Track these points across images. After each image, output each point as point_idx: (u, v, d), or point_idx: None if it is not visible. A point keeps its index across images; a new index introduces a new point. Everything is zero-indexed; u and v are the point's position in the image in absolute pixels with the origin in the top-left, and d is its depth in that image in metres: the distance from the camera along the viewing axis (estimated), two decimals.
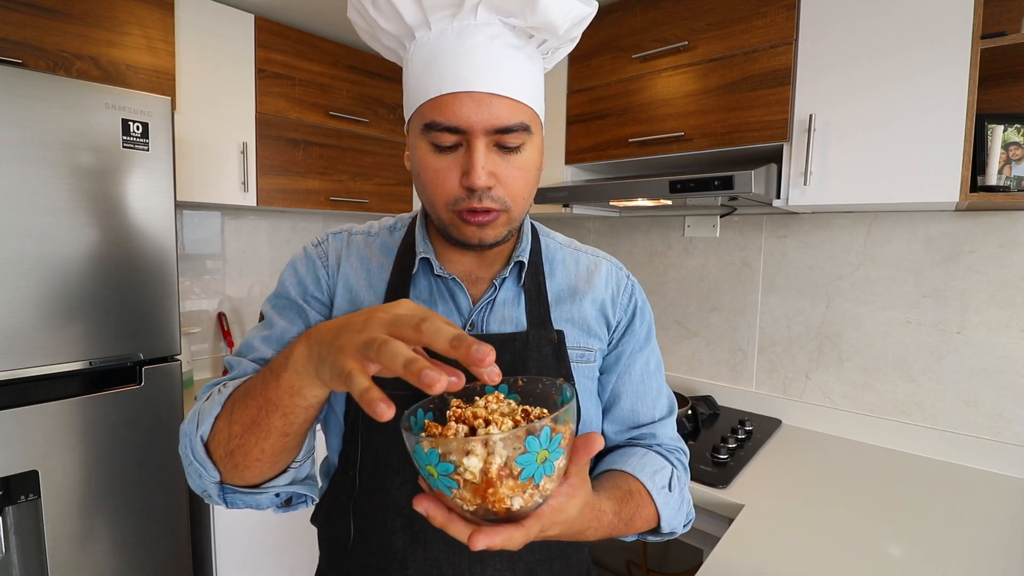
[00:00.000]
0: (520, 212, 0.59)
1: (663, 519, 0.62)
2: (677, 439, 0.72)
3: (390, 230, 0.70)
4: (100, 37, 1.41)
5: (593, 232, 2.09)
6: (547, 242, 0.71)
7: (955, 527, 1.06)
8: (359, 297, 0.64)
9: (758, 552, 0.97)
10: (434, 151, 0.55)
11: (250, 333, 0.65)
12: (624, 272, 0.73)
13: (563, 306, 0.67)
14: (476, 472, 0.36)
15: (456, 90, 0.52)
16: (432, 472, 0.37)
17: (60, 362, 1.21)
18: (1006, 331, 1.30)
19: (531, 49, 0.57)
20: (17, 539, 1.20)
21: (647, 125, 1.57)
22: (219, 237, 2.04)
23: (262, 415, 0.48)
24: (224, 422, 0.51)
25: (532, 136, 0.56)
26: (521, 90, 0.54)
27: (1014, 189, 1.16)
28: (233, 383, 0.55)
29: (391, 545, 0.59)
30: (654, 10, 1.54)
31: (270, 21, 1.77)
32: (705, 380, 1.82)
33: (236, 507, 0.55)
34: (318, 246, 0.67)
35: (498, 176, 0.55)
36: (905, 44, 1.16)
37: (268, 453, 0.51)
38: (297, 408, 0.47)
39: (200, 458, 0.52)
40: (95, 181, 1.23)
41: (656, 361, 0.72)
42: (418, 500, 0.39)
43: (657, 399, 0.71)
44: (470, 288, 0.64)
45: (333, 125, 1.97)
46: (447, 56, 0.52)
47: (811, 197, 1.29)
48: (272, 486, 0.55)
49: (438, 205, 0.57)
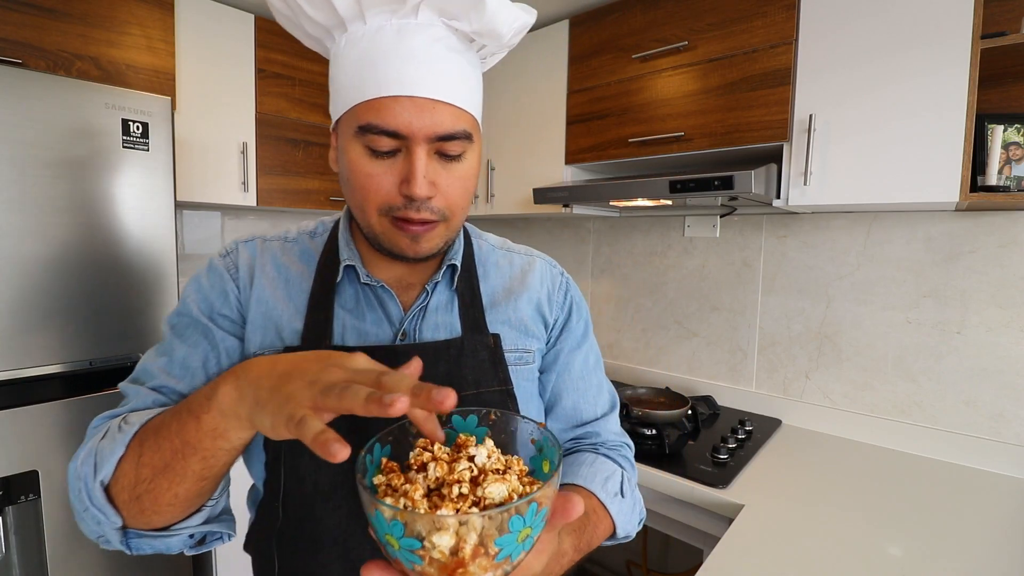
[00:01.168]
0: (458, 222, 0.57)
1: (618, 526, 0.61)
2: (620, 434, 0.71)
3: (310, 235, 0.65)
4: (100, 37, 1.41)
5: (593, 232, 2.09)
6: (479, 244, 0.70)
7: (955, 527, 1.06)
8: (276, 311, 0.59)
9: (758, 552, 0.97)
10: (369, 155, 0.51)
11: (147, 356, 0.58)
12: (558, 269, 0.72)
13: (498, 308, 0.65)
14: (446, 551, 0.31)
15: (397, 93, 0.49)
16: (392, 543, 0.32)
17: (60, 362, 1.21)
18: (1006, 331, 1.30)
19: (472, 54, 0.55)
20: (17, 539, 1.20)
21: (647, 125, 1.57)
22: (219, 237, 2.04)
23: (177, 459, 0.44)
24: (130, 464, 0.46)
25: (473, 144, 0.54)
26: (464, 96, 0.52)
27: (1014, 189, 1.16)
28: (137, 418, 0.49)
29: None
30: (654, 10, 1.54)
31: (270, 21, 1.77)
32: (705, 380, 1.82)
33: (141, 552, 0.50)
34: (226, 257, 0.62)
35: (438, 185, 0.52)
36: (905, 44, 1.16)
37: (182, 497, 0.46)
38: (219, 451, 0.43)
39: (99, 504, 0.47)
40: (95, 181, 1.23)
41: (595, 357, 0.72)
42: (368, 569, 0.35)
43: (598, 395, 0.70)
44: (400, 295, 0.61)
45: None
46: (386, 56, 0.50)
47: (811, 197, 1.29)
48: (184, 527, 0.50)
49: (369, 211, 0.53)
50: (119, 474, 0.47)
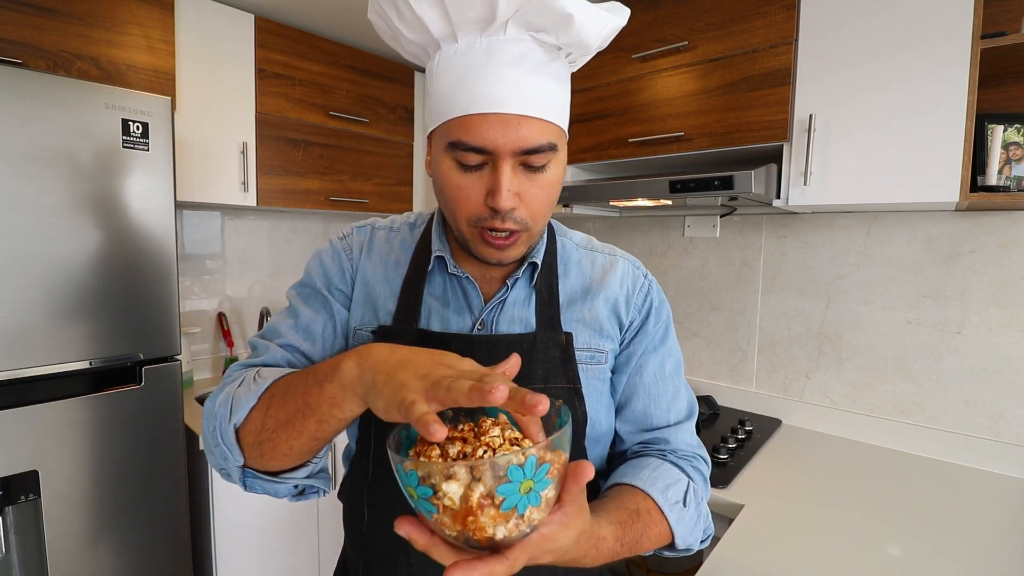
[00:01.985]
0: (540, 229, 0.60)
1: (677, 536, 0.59)
2: (696, 445, 0.69)
3: (411, 227, 0.71)
4: (100, 37, 1.41)
5: (593, 232, 2.09)
6: (563, 242, 0.71)
7: (955, 527, 1.06)
8: (375, 292, 0.66)
9: (758, 552, 0.97)
10: (459, 168, 0.55)
11: (275, 318, 0.67)
12: (642, 271, 0.72)
13: (575, 307, 0.66)
14: (456, 499, 0.34)
15: (484, 111, 0.51)
16: (412, 494, 0.36)
17: (60, 362, 1.21)
18: (1006, 331, 1.30)
19: (559, 63, 0.56)
20: (17, 539, 1.20)
21: (647, 125, 1.57)
22: (219, 237, 2.04)
23: (298, 417, 0.49)
24: (259, 414, 0.52)
25: (558, 153, 0.56)
26: (549, 110, 0.54)
27: (1014, 189, 1.16)
28: (270, 373, 0.56)
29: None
30: (654, 10, 1.54)
31: (270, 21, 1.78)
32: (705, 380, 1.82)
33: (254, 491, 0.57)
34: (344, 239, 0.70)
35: (522, 196, 0.55)
36: (905, 44, 1.16)
37: (296, 451, 0.52)
38: (333, 419, 0.48)
39: (229, 443, 0.53)
40: (95, 181, 1.23)
41: (674, 363, 0.70)
42: (400, 523, 0.39)
43: (673, 402, 0.68)
44: (483, 287, 0.65)
45: (333, 125, 1.97)
46: (475, 73, 0.52)
47: (811, 197, 1.29)
48: (292, 477, 0.56)
49: (460, 220, 0.57)
50: (248, 421, 0.53)
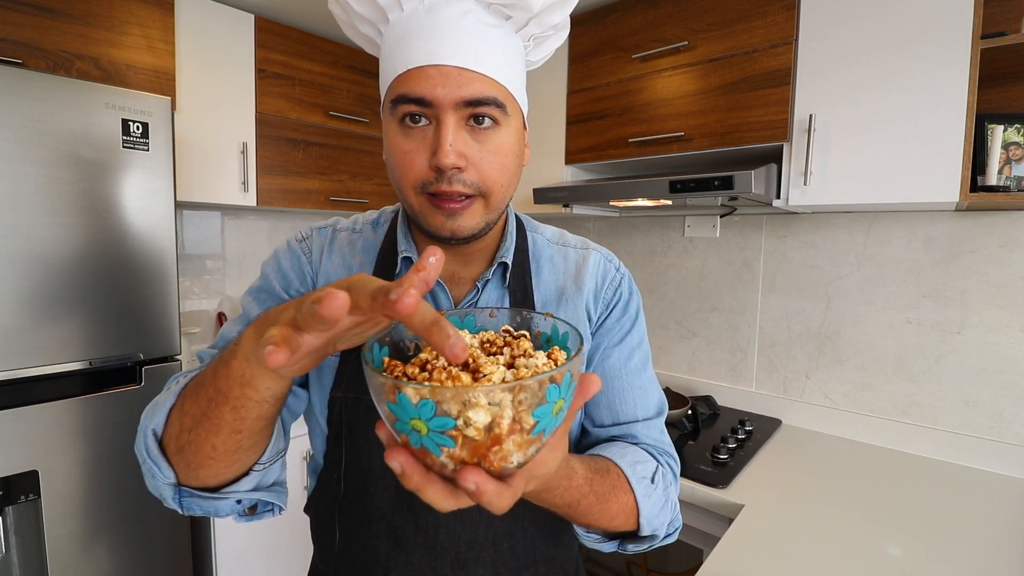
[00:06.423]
0: (499, 201, 0.55)
1: (642, 513, 0.56)
2: (665, 444, 0.65)
3: (373, 225, 0.67)
4: (100, 37, 1.41)
5: (593, 232, 2.09)
6: (534, 238, 0.68)
7: (955, 527, 1.06)
8: None
9: (758, 552, 0.97)
10: (402, 131, 0.52)
11: (226, 326, 0.61)
12: (614, 264, 0.69)
13: (550, 309, 0.64)
14: (482, 428, 0.29)
15: (423, 63, 0.50)
16: (420, 428, 0.29)
17: (60, 362, 1.21)
18: (1006, 331, 1.30)
19: (508, 30, 0.54)
20: (17, 539, 1.20)
21: (647, 125, 1.57)
22: (219, 237, 2.04)
23: (212, 407, 0.44)
24: (176, 414, 0.48)
25: (508, 117, 0.53)
26: (492, 66, 0.51)
27: (1014, 189, 1.16)
28: (193, 373, 0.51)
29: (374, 549, 0.59)
30: (654, 10, 1.54)
31: (270, 21, 1.77)
32: (705, 380, 1.82)
33: (192, 512, 0.51)
34: (303, 241, 0.66)
35: (468, 157, 0.51)
36: (905, 44, 1.16)
37: (220, 451, 0.46)
38: (248, 401, 0.43)
39: (153, 455, 0.49)
40: (95, 181, 1.23)
41: (641, 358, 0.67)
42: (392, 454, 0.32)
43: (640, 398, 0.65)
44: (452, 289, 0.62)
45: (333, 125, 1.97)
46: (416, 32, 0.51)
47: (811, 197, 1.29)
48: (232, 491, 0.51)
49: (407, 189, 0.53)
50: (168, 425, 0.49)
